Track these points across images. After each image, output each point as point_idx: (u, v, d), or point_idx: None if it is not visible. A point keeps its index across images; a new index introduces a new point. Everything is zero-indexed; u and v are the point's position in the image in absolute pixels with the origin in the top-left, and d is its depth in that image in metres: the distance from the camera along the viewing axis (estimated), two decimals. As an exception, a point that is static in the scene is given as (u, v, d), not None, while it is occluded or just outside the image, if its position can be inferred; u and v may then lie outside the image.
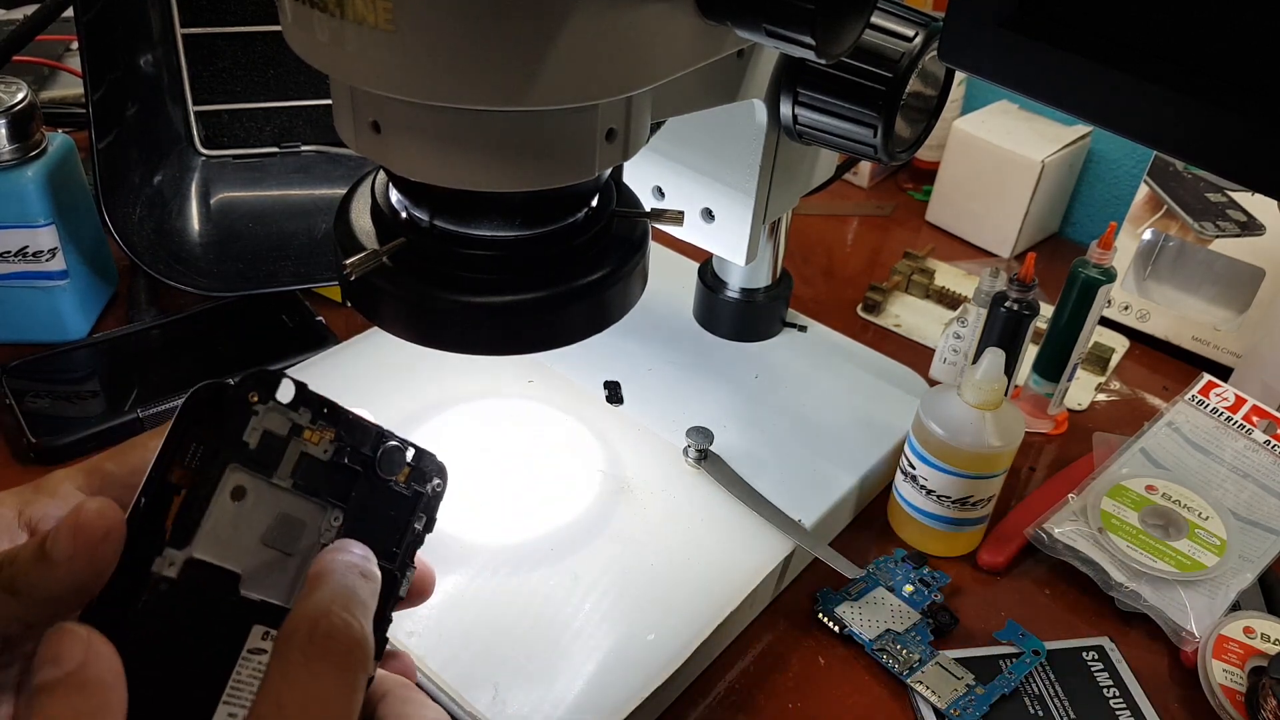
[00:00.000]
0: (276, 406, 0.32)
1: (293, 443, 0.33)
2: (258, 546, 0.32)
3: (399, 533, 0.35)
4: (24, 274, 0.66)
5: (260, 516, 0.32)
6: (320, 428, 0.33)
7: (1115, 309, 0.80)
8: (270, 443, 0.32)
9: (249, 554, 0.32)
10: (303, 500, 0.33)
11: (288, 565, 0.33)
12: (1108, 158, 0.92)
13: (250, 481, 0.32)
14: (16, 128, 0.62)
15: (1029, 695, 0.52)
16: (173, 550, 0.31)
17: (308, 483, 0.33)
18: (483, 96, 0.33)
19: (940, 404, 0.57)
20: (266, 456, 0.32)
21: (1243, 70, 0.32)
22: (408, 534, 0.35)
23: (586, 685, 0.47)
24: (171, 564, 0.31)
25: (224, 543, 0.32)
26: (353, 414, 0.34)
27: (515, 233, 0.40)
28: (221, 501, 0.32)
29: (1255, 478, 0.64)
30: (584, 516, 0.55)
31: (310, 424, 0.33)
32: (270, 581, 0.32)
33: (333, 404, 0.34)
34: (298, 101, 0.81)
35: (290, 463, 0.33)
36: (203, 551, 0.31)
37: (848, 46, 0.38)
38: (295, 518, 0.33)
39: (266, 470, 0.32)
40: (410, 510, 0.36)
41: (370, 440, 0.34)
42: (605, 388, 0.63)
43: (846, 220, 0.93)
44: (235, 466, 0.32)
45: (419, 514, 0.36)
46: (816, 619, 0.55)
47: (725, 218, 0.57)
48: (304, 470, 0.33)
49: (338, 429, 0.34)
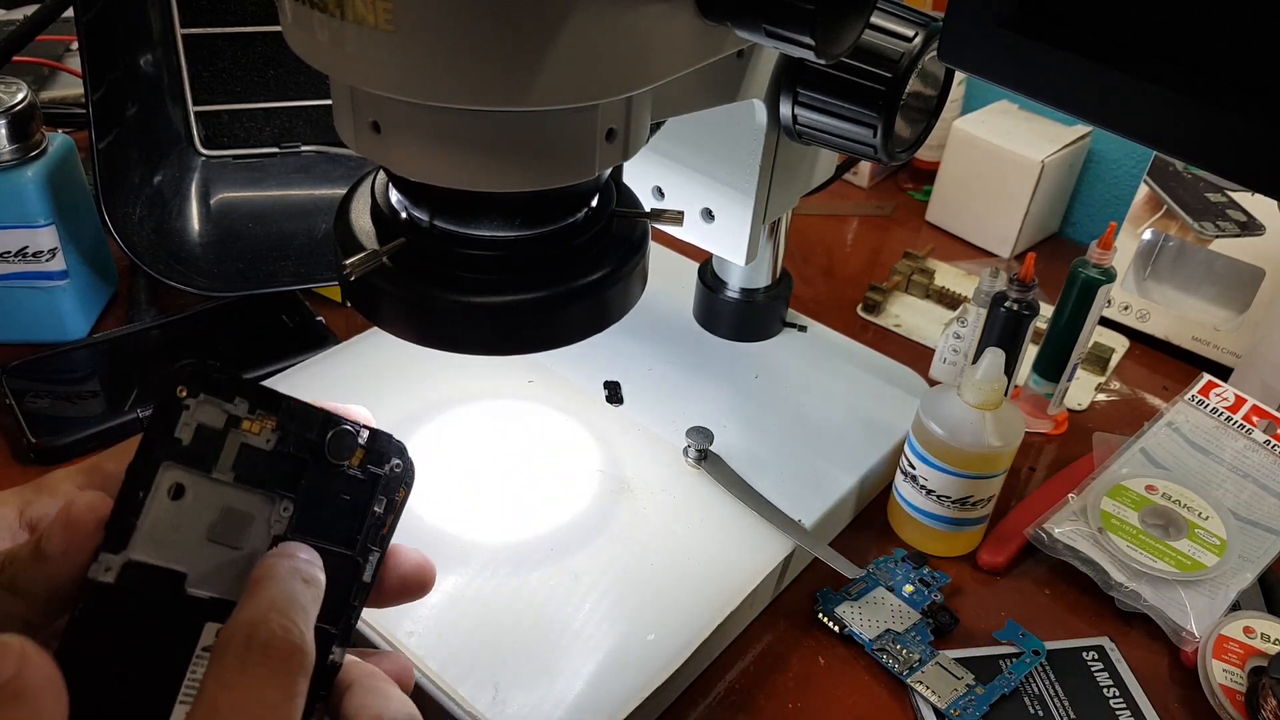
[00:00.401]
0: (209, 399, 0.32)
1: (231, 435, 0.32)
2: (204, 544, 0.32)
3: (358, 518, 0.34)
4: (24, 274, 0.66)
5: (203, 513, 0.32)
6: (259, 417, 0.32)
7: (1115, 309, 0.80)
8: (206, 436, 0.32)
9: (194, 552, 0.32)
10: (248, 493, 0.32)
11: (238, 560, 0.32)
12: (1108, 158, 0.92)
13: (188, 478, 0.31)
14: (16, 128, 0.62)
15: (1029, 695, 0.52)
16: (108, 554, 0.30)
17: (252, 475, 0.32)
18: (483, 96, 0.33)
19: (940, 404, 0.57)
20: (203, 451, 0.32)
21: (1243, 70, 0.32)
22: (367, 518, 0.34)
23: (586, 685, 0.47)
24: (108, 569, 0.30)
25: (165, 543, 0.31)
26: (295, 400, 0.33)
27: (515, 233, 0.40)
28: (159, 500, 0.31)
29: (1255, 478, 0.64)
30: (584, 516, 0.55)
31: (248, 414, 0.32)
32: (220, 578, 0.32)
33: (272, 392, 0.33)
34: (298, 101, 0.81)
35: (230, 456, 0.32)
36: (141, 553, 0.31)
37: (848, 47, 0.38)
38: (241, 511, 0.32)
39: (205, 465, 0.32)
40: (368, 494, 0.34)
41: (316, 426, 0.33)
42: (605, 388, 0.63)
43: (846, 220, 0.93)
44: (169, 464, 0.31)
45: (378, 496, 0.35)
46: (816, 619, 0.55)
47: (725, 218, 0.57)
48: (246, 462, 0.32)
49: (279, 417, 0.33)
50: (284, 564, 0.32)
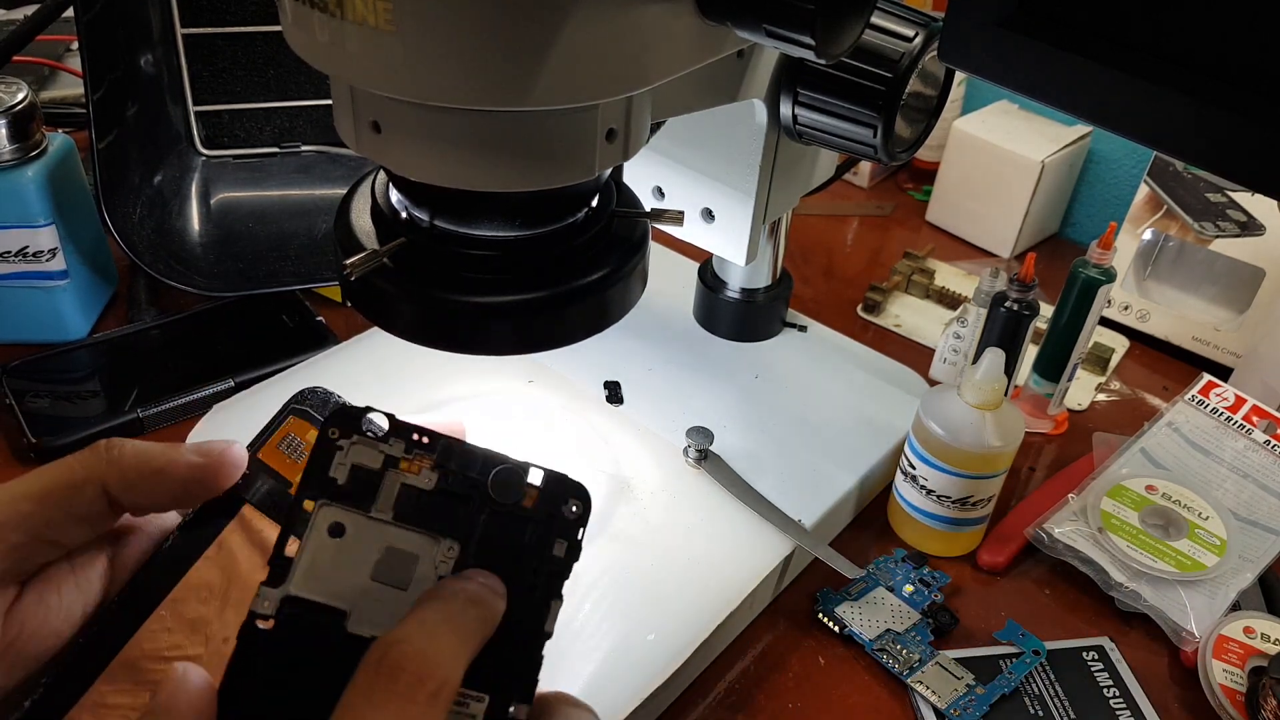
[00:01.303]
0: (363, 440, 0.32)
1: (389, 475, 0.32)
2: (366, 583, 0.32)
3: (535, 560, 0.33)
4: (24, 274, 0.66)
5: (365, 552, 0.32)
6: (416, 457, 0.33)
7: (1115, 309, 0.80)
8: (363, 477, 0.32)
9: (356, 590, 0.31)
10: (410, 532, 0.32)
11: (405, 600, 0.31)
12: (1108, 158, 0.92)
13: (347, 517, 0.32)
14: (16, 128, 0.62)
15: (1029, 695, 0.52)
16: (268, 589, 0.31)
17: (413, 514, 0.32)
18: (483, 97, 0.33)
19: (940, 404, 0.57)
20: (361, 491, 0.32)
21: (1243, 70, 0.32)
22: (545, 561, 0.33)
23: (586, 685, 0.47)
24: (267, 601, 0.31)
25: (324, 579, 0.31)
26: (453, 440, 0.33)
27: (515, 233, 0.40)
28: (318, 538, 0.31)
29: (1255, 478, 0.64)
30: (584, 516, 0.55)
31: (405, 454, 0.33)
32: (384, 617, 0.31)
33: (431, 432, 0.33)
34: (298, 101, 0.81)
35: (390, 495, 0.32)
36: (300, 589, 0.31)
37: (848, 47, 0.38)
38: (404, 551, 0.32)
39: (363, 504, 0.32)
40: (546, 536, 0.33)
41: (478, 465, 0.33)
42: (605, 388, 0.63)
43: (846, 220, 0.93)
44: (326, 503, 0.32)
45: (556, 539, 0.33)
46: (816, 619, 0.55)
47: (725, 218, 0.57)
48: (407, 502, 0.32)
49: (436, 457, 0.33)
50: (453, 584, 0.31)
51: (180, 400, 0.63)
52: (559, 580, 0.33)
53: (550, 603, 0.33)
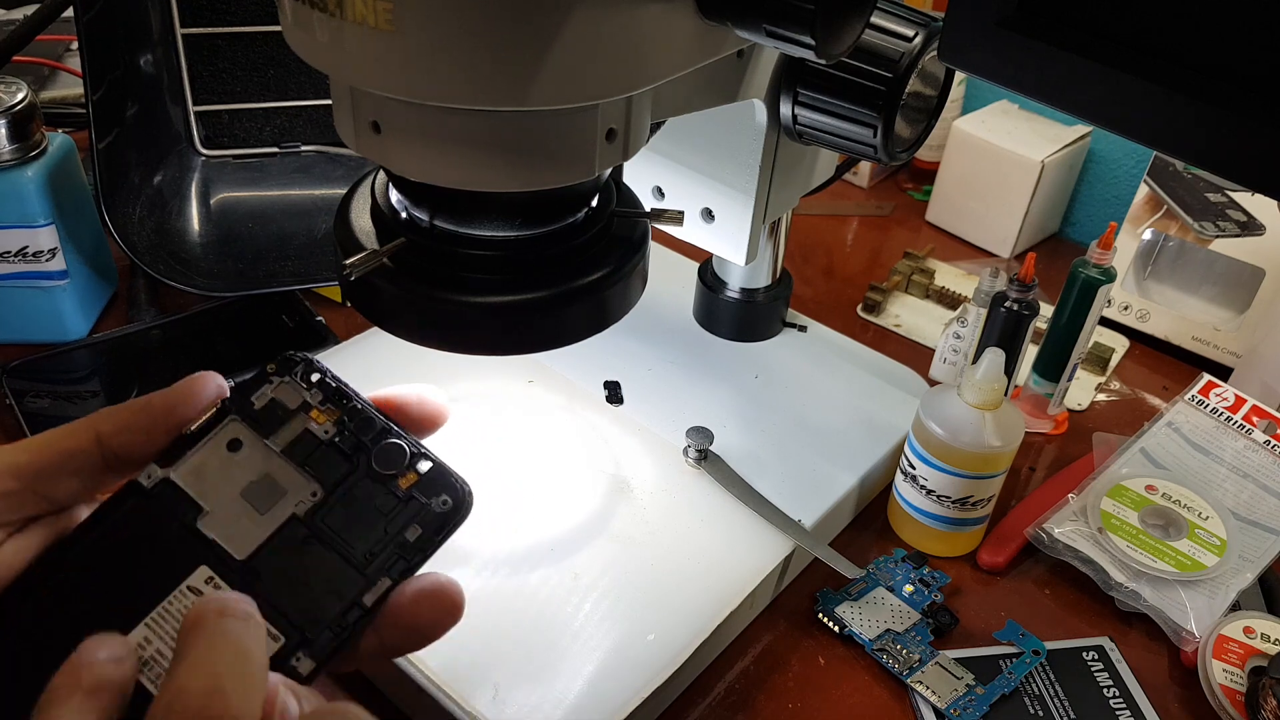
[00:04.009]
0: (292, 382, 0.36)
1: (298, 417, 0.36)
2: (234, 496, 0.34)
3: (382, 536, 0.34)
4: (24, 274, 0.66)
5: (245, 471, 0.35)
6: (327, 410, 0.36)
7: (1115, 309, 0.80)
8: (276, 410, 0.36)
9: (222, 499, 0.34)
10: (290, 469, 0.35)
11: (255, 523, 0.34)
12: (1108, 158, 0.92)
13: (247, 436, 0.35)
14: (16, 128, 0.62)
15: (1029, 695, 0.52)
16: (154, 466, 0.34)
17: (301, 455, 0.35)
18: (483, 96, 0.33)
19: (940, 404, 0.57)
20: (268, 421, 0.35)
21: (1243, 70, 0.32)
22: (392, 540, 0.34)
23: (586, 685, 0.47)
24: (149, 476, 0.34)
25: (202, 478, 0.35)
26: (366, 403, 0.36)
27: (515, 233, 0.40)
28: (215, 444, 0.35)
29: (1255, 478, 0.64)
30: (584, 517, 0.55)
31: (319, 404, 0.36)
32: (232, 531, 0.34)
33: (352, 395, 0.36)
34: (298, 101, 0.81)
35: (290, 433, 0.35)
36: (179, 476, 0.34)
37: (848, 46, 0.38)
38: (277, 483, 0.35)
39: (264, 431, 0.35)
40: (404, 518, 0.35)
41: (373, 433, 0.36)
42: (605, 388, 0.63)
43: (846, 220, 0.93)
44: (235, 419, 0.35)
45: (413, 525, 0.34)
46: (816, 619, 0.55)
47: (725, 218, 0.57)
48: (301, 443, 0.35)
49: (343, 414, 0.36)
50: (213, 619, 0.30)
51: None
52: (400, 563, 0.34)
53: (380, 579, 0.34)
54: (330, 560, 0.34)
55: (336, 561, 0.34)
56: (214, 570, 0.33)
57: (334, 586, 0.33)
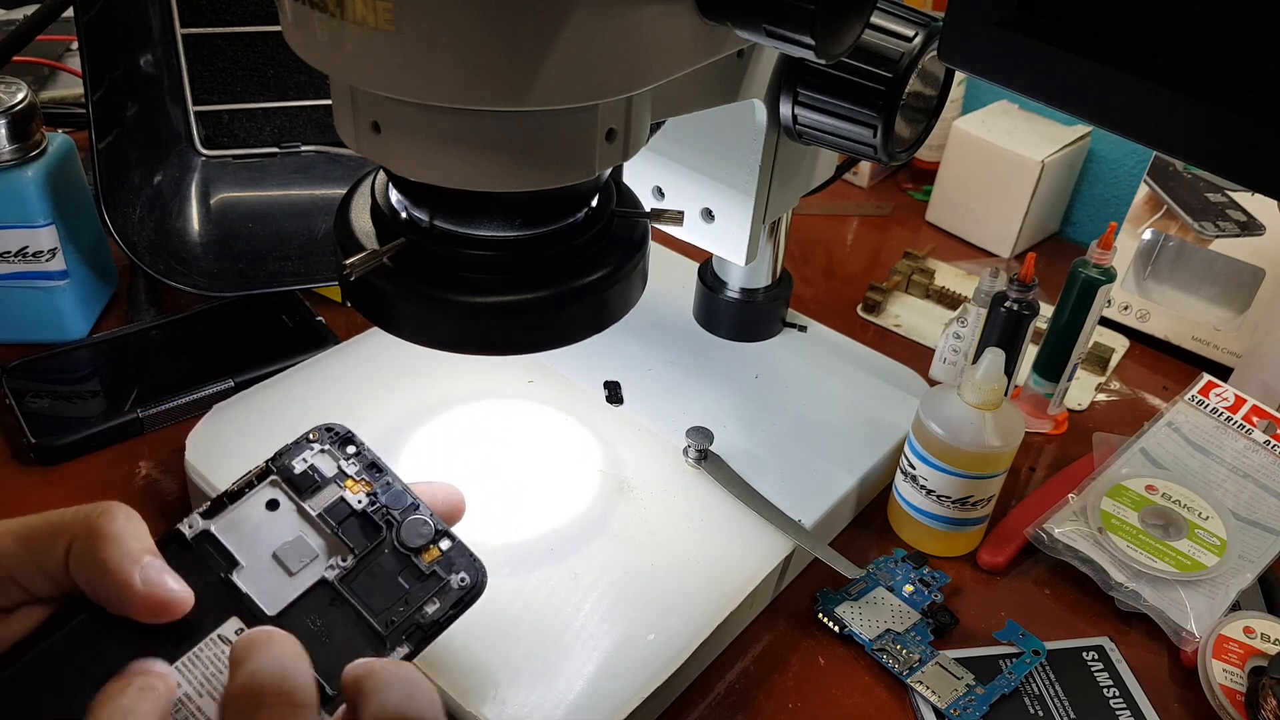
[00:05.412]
0: (331, 451, 0.39)
1: (333, 484, 0.38)
2: (266, 555, 0.36)
3: (403, 606, 0.36)
4: (24, 274, 0.66)
5: (281, 531, 0.37)
6: (362, 481, 0.39)
7: (1115, 309, 0.80)
8: (313, 476, 0.38)
9: (256, 556, 0.36)
10: (323, 534, 0.37)
11: (285, 583, 0.36)
12: (1108, 158, 0.92)
13: (284, 499, 0.38)
14: (16, 128, 0.62)
15: (1029, 695, 0.52)
16: (198, 517, 0.36)
17: (334, 522, 0.37)
18: (483, 96, 0.33)
19: (940, 404, 0.57)
20: (306, 485, 0.38)
21: (1243, 70, 0.32)
22: (412, 611, 0.36)
23: (586, 685, 0.47)
24: (191, 526, 0.36)
25: (240, 534, 0.36)
26: (400, 482, 0.39)
27: (515, 233, 0.40)
28: (254, 502, 0.37)
29: (1255, 478, 0.64)
30: (584, 516, 0.55)
31: (355, 475, 0.39)
32: (263, 587, 0.36)
33: (384, 468, 0.39)
34: (298, 101, 0.81)
35: (325, 499, 0.38)
36: (219, 530, 0.36)
37: (848, 46, 0.38)
38: (309, 546, 0.37)
39: (301, 495, 0.38)
40: (425, 591, 0.37)
41: (403, 508, 0.38)
42: (605, 388, 0.63)
43: (846, 220, 0.93)
44: (276, 481, 0.38)
45: (433, 599, 0.37)
46: (816, 619, 0.55)
47: (725, 218, 0.57)
48: (335, 510, 0.38)
49: (375, 487, 0.38)
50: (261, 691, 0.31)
51: (180, 400, 0.63)
52: (417, 633, 0.36)
53: (395, 649, 0.36)
54: (353, 624, 0.36)
55: (359, 626, 0.36)
56: (244, 622, 0.35)
57: (355, 649, 0.35)
